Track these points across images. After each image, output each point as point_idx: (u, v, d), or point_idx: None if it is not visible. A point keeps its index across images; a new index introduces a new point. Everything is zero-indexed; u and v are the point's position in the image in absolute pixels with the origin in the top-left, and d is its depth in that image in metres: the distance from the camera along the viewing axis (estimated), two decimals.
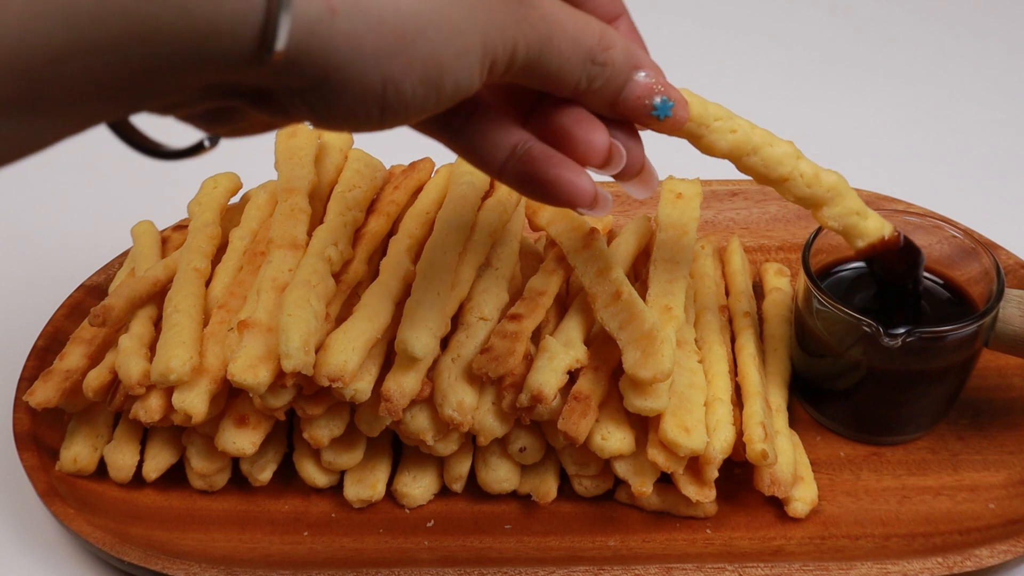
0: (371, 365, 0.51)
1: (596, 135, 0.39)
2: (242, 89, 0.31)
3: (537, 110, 0.40)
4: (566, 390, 0.51)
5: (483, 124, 0.39)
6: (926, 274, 0.58)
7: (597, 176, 0.41)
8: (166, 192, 0.70)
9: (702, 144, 0.46)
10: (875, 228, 0.51)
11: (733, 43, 1.00)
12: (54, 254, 0.75)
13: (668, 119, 0.41)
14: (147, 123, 0.34)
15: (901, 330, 0.51)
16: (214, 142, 0.34)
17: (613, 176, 0.42)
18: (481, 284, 0.55)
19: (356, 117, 0.32)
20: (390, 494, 0.56)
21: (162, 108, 0.32)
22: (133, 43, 0.27)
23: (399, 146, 0.70)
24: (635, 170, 0.42)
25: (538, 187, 0.39)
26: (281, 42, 0.28)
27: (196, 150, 0.35)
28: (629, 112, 0.40)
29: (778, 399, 0.57)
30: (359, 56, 0.30)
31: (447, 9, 0.32)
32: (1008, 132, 0.87)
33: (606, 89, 0.39)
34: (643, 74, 0.40)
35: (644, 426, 0.52)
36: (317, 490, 0.56)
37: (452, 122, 0.39)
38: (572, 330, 0.53)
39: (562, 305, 0.58)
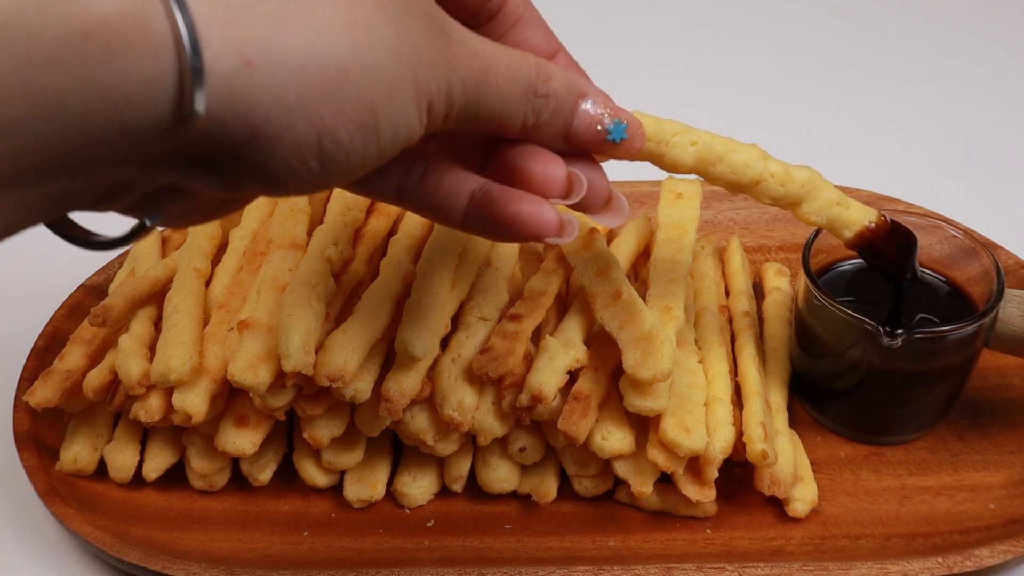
0: (371, 365, 0.51)
1: (551, 167, 0.38)
2: (176, 163, 0.31)
3: (491, 156, 0.40)
4: (566, 390, 0.51)
5: (438, 179, 0.38)
6: (926, 272, 0.58)
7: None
8: None
9: (665, 162, 0.45)
10: (859, 215, 0.50)
11: (733, 43, 1.00)
12: (54, 254, 0.74)
13: (624, 141, 0.40)
14: (89, 218, 0.33)
15: (901, 330, 0.51)
16: (155, 220, 0.33)
17: (580, 209, 0.41)
18: (481, 284, 0.55)
19: (298, 175, 0.31)
20: (390, 494, 0.56)
21: (98, 199, 0.31)
22: (40, 121, 0.26)
23: None
24: (601, 200, 0.41)
25: (501, 227, 0.38)
26: (199, 103, 0.28)
27: (137, 233, 0.34)
28: (584, 142, 0.40)
29: (778, 399, 0.57)
30: (285, 107, 0.29)
31: (370, 52, 0.31)
32: (1008, 132, 0.87)
33: (555, 122, 0.39)
34: (590, 101, 0.39)
35: (644, 426, 0.52)
36: (317, 490, 0.56)
37: (407, 183, 0.38)
38: (572, 330, 0.53)
39: (562, 305, 0.58)
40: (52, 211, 0.30)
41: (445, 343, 0.53)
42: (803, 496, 0.53)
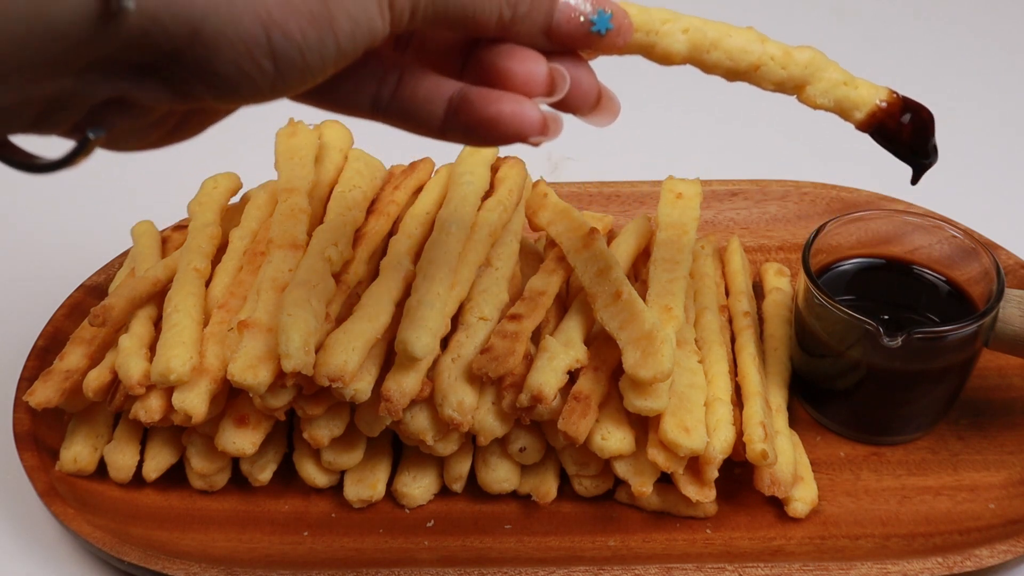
0: (371, 365, 0.51)
1: (530, 63, 0.36)
2: (116, 69, 0.29)
3: (470, 60, 0.38)
4: (566, 390, 0.51)
5: (413, 86, 0.36)
6: (926, 272, 0.58)
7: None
8: (166, 192, 0.70)
9: (656, 53, 0.43)
10: (869, 94, 0.47)
11: None
12: (54, 254, 0.75)
13: (611, 31, 0.38)
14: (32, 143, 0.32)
15: (901, 330, 0.51)
16: (98, 134, 0.31)
17: (573, 112, 0.39)
18: (481, 284, 0.55)
19: (250, 77, 0.30)
20: (390, 494, 0.56)
21: (35, 118, 0.30)
22: None
23: (399, 146, 0.70)
24: (590, 99, 0.39)
25: (482, 130, 0.36)
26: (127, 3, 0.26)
27: (81, 150, 0.31)
28: (567, 36, 0.37)
29: (778, 399, 0.57)
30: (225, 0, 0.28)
31: None
32: (1008, 132, 0.87)
33: (533, 16, 0.36)
34: None
35: (644, 426, 0.52)
36: (317, 490, 0.56)
37: (381, 94, 0.36)
38: (572, 330, 0.53)
39: (562, 305, 0.58)
40: None
41: (445, 343, 0.53)
42: (803, 496, 0.53)
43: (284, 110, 0.65)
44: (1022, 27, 1.01)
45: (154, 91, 0.30)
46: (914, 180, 0.49)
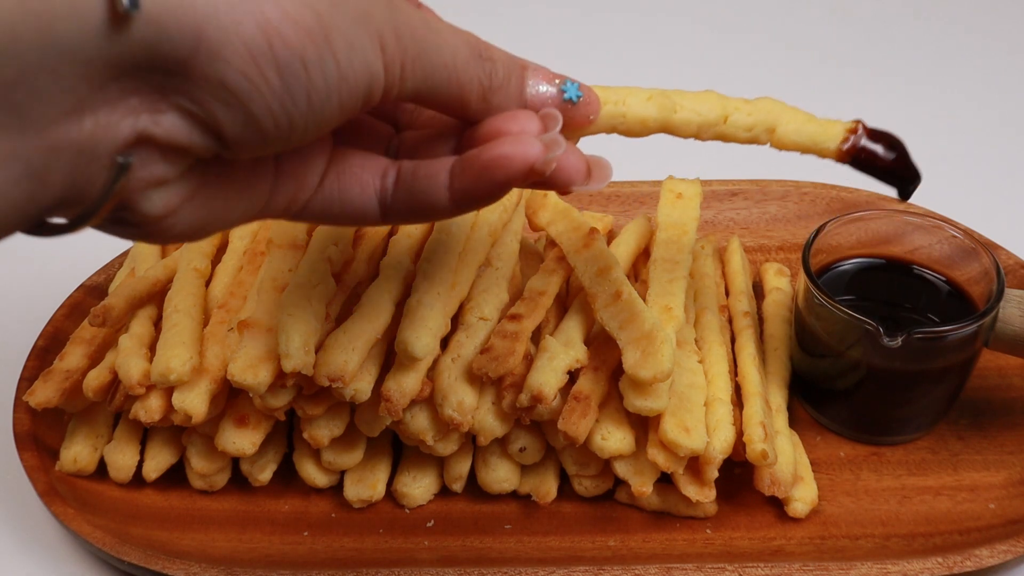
0: (371, 365, 0.51)
1: (521, 118, 0.37)
2: (134, 95, 0.29)
3: (461, 143, 0.39)
4: (566, 390, 0.51)
5: (413, 171, 0.37)
6: (926, 272, 0.58)
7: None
8: None
9: (629, 122, 0.43)
10: (835, 125, 0.48)
11: (732, 43, 1.00)
12: (54, 254, 0.75)
13: (582, 99, 0.39)
14: None
15: (901, 330, 0.51)
16: (127, 159, 0.30)
17: (567, 187, 0.39)
18: (481, 284, 0.55)
19: (261, 94, 0.30)
20: (390, 494, 0.56)
21: (69, 176, 0.29)
22: None
23: None
24: (581, 172, 0.39)
25: (488, 178, 0.36)
26: (136, 3, 0.27)
27: (117, 179, 0.30)
28: (543, 102, 0.39)
29: (778, 399, 0.57)
30: (224, 2, 0.28)
31: None
32: (1008, 132, 0.87)
33: (509, 86, 0.38)
34: (531, 68, 0.39)
35: (644, 426, 0.52)
36: (317, 490, 0.56)
37: (386, 187, 0.38)
38: (572, 330, 0.53)
39: (562, 305, 0.58)
40: (23, 209, 0.29)
41: (445, 343, 0.53)
42: (803, 496, 0.53)
43: None
44: (1022, 27, 1.01)
45: (172, 124, 0.30)
46: (903, 197, 0.50)
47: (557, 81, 0.39)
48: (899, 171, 0.48)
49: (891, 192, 0.50)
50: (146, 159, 0.30)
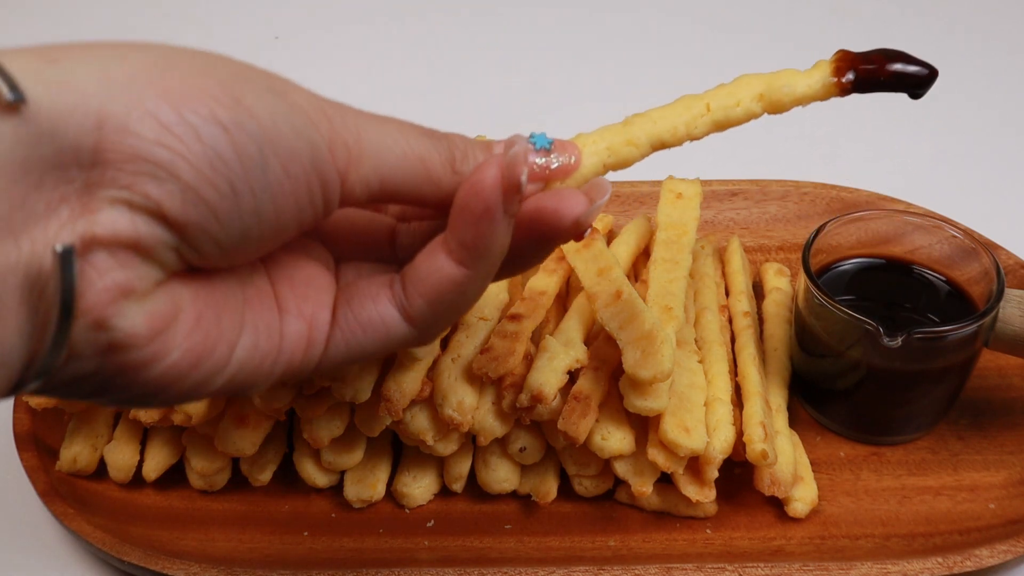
0: (371, 365, 0.51)
1: (569, 199, 0.35)
2: (58, 190, 0.27)
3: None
4: (566, 390, 0.51)
5: (422, 258, 0.35)
6: (926, 272, 0.58)
7: None
8: None
9: (617, 154, 0.40)
10: (819, 65, 0.44)
11: (732, 43, 1.00)
12: None
13: (555, 143, 0.37)
14: None
15: (901, 330, 0.51)
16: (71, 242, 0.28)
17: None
18: None
19: (187, 162, 0.28)
20: (390, 494, 0.56)
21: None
22: None
23: None
24: (583, 202, 0.36)
25: (537, 238, 0.35)
26: (11, 90, 0.25)
27: (64, 269, 0.27)
28: (518, 157, 0.35)
29: (778, 399, 0.57)
30: (118, 83, 0.27)
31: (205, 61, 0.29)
32: (1008, 132, 0.87)
33: (475, 150, 0.36)
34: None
35: (644, 426, 0.52)
36: (317, 490, 0.56)
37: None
38: (572, 330, 0.53)
39: (562, 305, 0.58)
40: None
41: (445, 343, 0.53)
42: (803, 496, 0.53)
43: None
44: (1022, 27, 1.01)
45: (112, 218, 0.28)
46: (917, 96, 0.45)
47: (523, 136, 0.37)
48: (907, 74, 0.43)
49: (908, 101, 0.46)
50: (101, 266, 0.28)
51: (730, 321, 0.60)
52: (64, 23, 1.06)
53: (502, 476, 0.54)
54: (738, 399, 0.55)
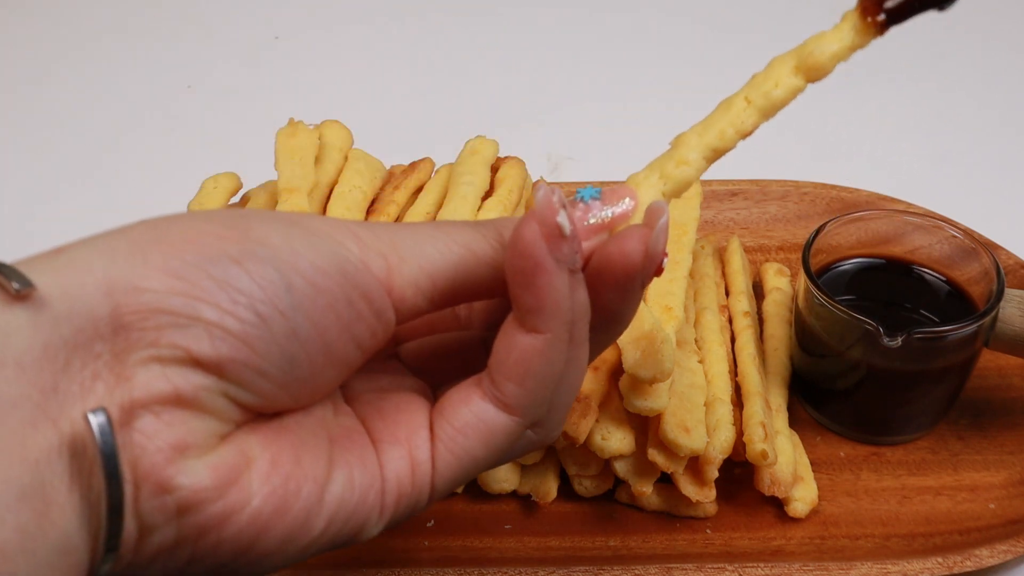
0: None
1: (628, 240, 0.32)
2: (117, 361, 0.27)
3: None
4: None
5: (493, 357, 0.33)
6: (926, 272, 0.58)
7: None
8: (166, 192, 0.70)
9: (678, 177, 0.39)
10: (844, 18, 0.43)
11: (733, 43, 1.00)
12: None
13: (604, 192, 0.34)
14: None
15: (901, 330, 0.51)
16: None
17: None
18: None
19: (204, 301, 0.28)
20: None
21: None
22: None
23: (399, 146, 0.70)
24: (643, 237, 0.33)
25: (617, 287, 0.33)
26: (25, 281, 0.26)
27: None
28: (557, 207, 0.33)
29: (778, 399, 0.57)
30: (120, 252, 0.28)
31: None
32: (1008, 132, 0.87)
33: (516, 218, 0.34)
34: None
35: (644, 426, 0.52)
36: None
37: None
38: None
39: None
40: None
41: None
42: (803, 496, 0.53)
43: (284, 111, 0.65)
44: (1022, 27, 1.01)
45: (147, 378, 0.28)
46: (944, 7, 0.44)
47: (546, 186, 0.34)
48: None
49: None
50: (149, 429, 0.27)
51: (730, 321, 0.60)
52: (64, 23, 1.06)
53: (502, 476, 0.54)
54: (738, 399, 0.55)
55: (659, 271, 0.34)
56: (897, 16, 0.43)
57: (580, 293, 0.32)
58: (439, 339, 0.38)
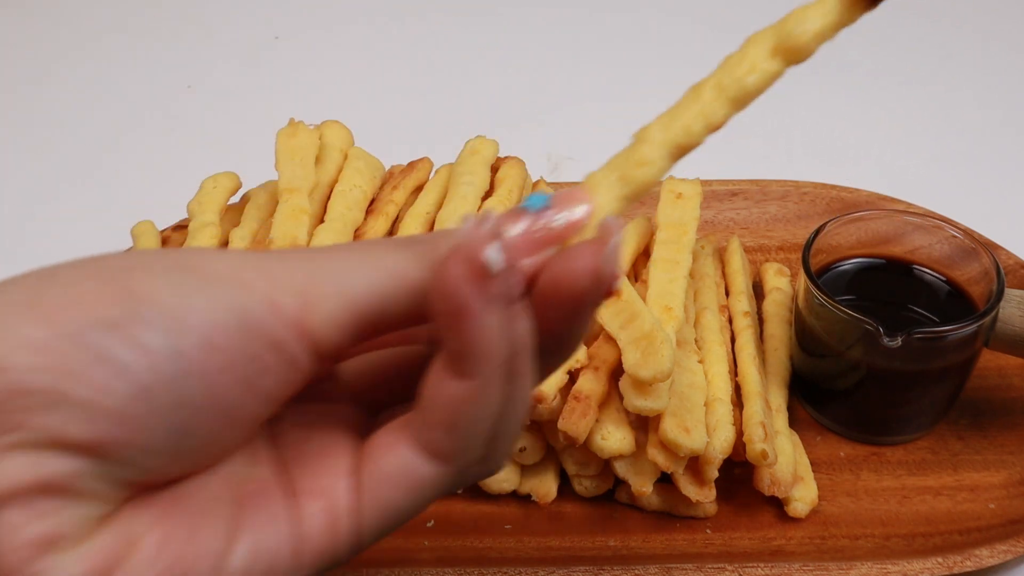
0: None
1: (579, 251, 0.28)
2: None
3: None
4: (566, 390, 0.51)
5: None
6: (926, 272, 0.58)
7: None
8: (166, 192, 0.70)
9: (639, 179, 0.33)
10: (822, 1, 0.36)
11: (733, 43, 1.00)
12: (54, 254, 0.75)
13: (555, 197, 0.30)
14: None
15: (901, 330, 0.51)
16: None
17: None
18: None
19: (66, 374, 0.25)
20: None
21: None
22: None
23: (399, 146, 0.70)
24: (597, 252, 0.29)
25: (565, 311, 0.29)
26: None
27: None
28: (504, 222, 0.30)
29: (778, 399, 0.57)
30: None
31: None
32: (1008, 132, 0.87)
33: (451, 232, 0.30)
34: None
35: (644, 426, 0.52)
36: None
37: None
38: None
39: None
40: None
41: None
42: (803, 496, 0.53)
43: (284, 111, 0.65)
44: (1022, 27, 1.01)
45: (16, 467, 0.25)
46: None
47: (472, 216, 0.30)
48: None
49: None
50: (15, 521, 0.25)
51: (730, 321, 0.60)
52: (64, 23, 1.06)
53: (502, 476, 0.54)
54: (738, 399, 0.55)
55: (611, 294, 0.30)
56: None
57: (519, 325, 0.28)
58: (380, 357, 0.34)
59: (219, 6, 1.08)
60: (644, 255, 0.62)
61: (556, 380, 0.50)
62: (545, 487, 0.55)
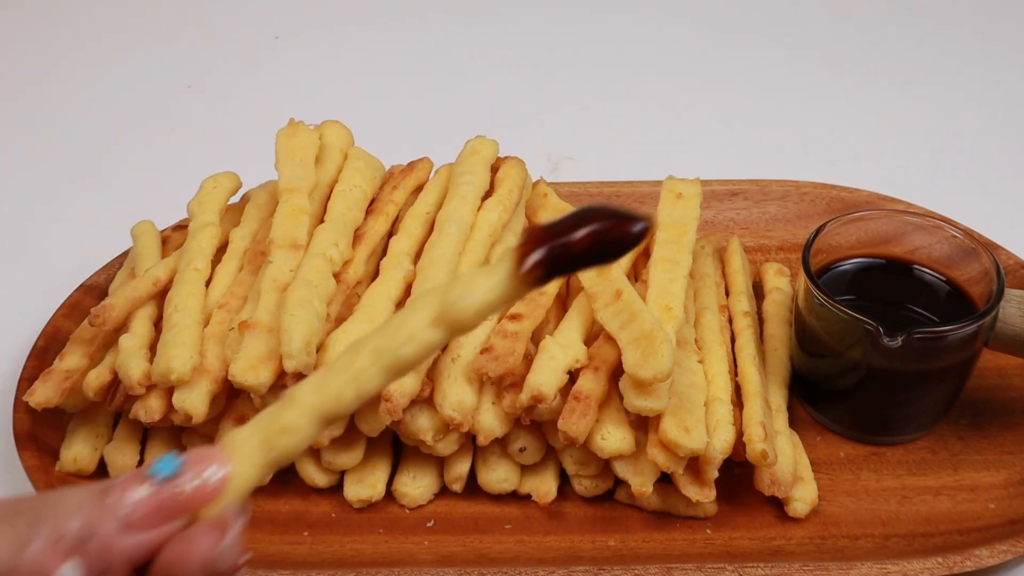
0: None
1: (198, 535, 0.28)
2: None
3: None
4: (566, 390, 0.51)
5: None
6: (926, 272, 0.58)
7: None
8: (166, 192, 0.70)
9: (284, 446, 0.32)
10: (501, 258, 0.33)
11: (734, 44, 1.00)
12: (54, 254, 0.75)
13: (187, 461, 0.29)
14: None
15: (901, 330, 0.51)
16: None
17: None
18: None
19: None
20: (390, 494, 0.56)
21: None
22: None
23: (399, 146, 0.70)
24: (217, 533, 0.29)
25: None
26: None
27: None
28: (138, 507, 0.29)
29: (778, 399, 0.57)
30: None
31: None
32: (1008, 132, 0.87)
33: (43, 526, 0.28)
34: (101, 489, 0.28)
35: (644, 426, 0.52)
36: (317, 490, 0.56)
37: None
38: (572, 330, 0.53)
39: (562, 305, 0.58)
40: None
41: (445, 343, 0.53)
42: (803, 496, 0.53)
43: (284, 111, 0.65)
44: (1022, 27, 1.01)
45: None
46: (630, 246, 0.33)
47: (146, 474, 0.29)
48: (608, 236, 0.32)
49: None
50: None
51: (730, 321, 0.60)
52: (64, 23, 1.06)
53: (502, 476, 0.54)
54: (738, 399, 0.55)
55: None
56: (558, 265, 0.32)
57: None
58: None
59: (219, 6, 1.08)
60: (644, 255, 0.62)
61: (556, 380, 0.50)
62: (545, 487, 0.55)
